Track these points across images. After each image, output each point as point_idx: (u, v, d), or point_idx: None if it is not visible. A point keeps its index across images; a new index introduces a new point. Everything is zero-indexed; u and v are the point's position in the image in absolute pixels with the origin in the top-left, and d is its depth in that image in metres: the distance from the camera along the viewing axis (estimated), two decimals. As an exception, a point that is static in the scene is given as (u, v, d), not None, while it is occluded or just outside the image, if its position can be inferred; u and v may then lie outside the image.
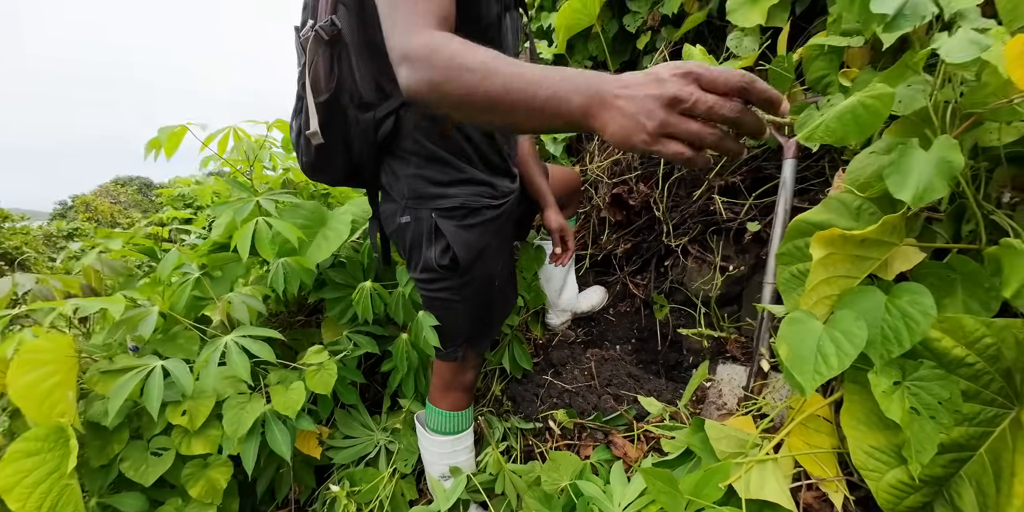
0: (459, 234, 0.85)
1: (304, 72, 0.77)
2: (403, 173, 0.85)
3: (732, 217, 1.30)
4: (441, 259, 0.85)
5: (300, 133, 0.85)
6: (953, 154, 0.58)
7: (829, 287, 0.68)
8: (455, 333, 0.97)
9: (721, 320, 1.31)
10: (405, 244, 0.89)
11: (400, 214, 0.87)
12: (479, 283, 0.92)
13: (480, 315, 0.98)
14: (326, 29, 0.74)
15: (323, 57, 0.76)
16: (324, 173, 0.91)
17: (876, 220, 0.71)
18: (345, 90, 0.78)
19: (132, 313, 1.08)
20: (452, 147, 0.84)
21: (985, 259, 0.65)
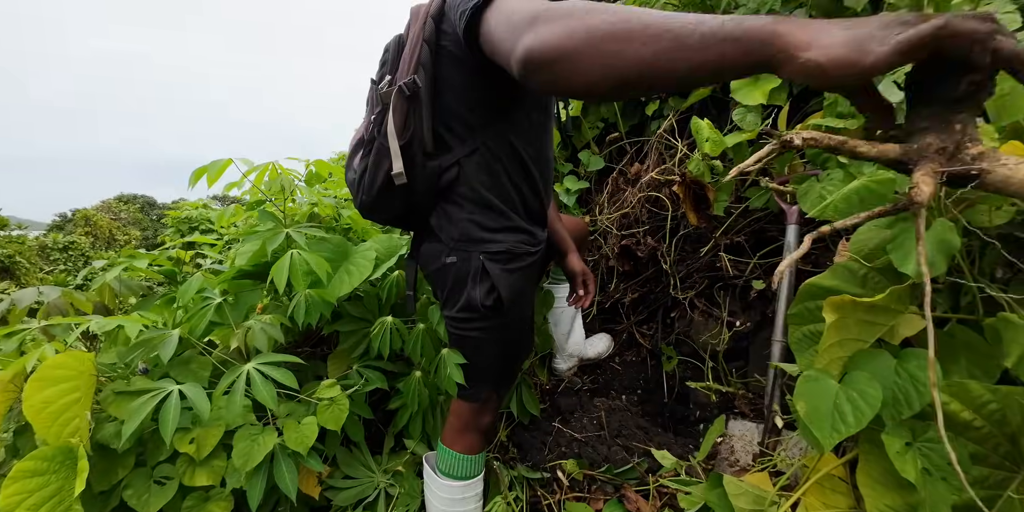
0: (504, 277, 0.90)
1: (383, 120, 0.86)
2: (457, 217, 0.92)
3: (738, 274, 1.36)
4: (485, 299, 0.90)
5: (364, 173, 0.91)
6: (951, 235, 0.65)
7: (841, 349, 0.72)
8: (483, 373, 1.00)
9: (729, 375, 1.33)
10: (447, 283, 0.94)
11: (446, 255, 0.93)
12: (514, 325, 0.97)
13: (508, 356, 1.02)
14: (409, 86, 0.82)
15: (401, 109, 0.84)
16: (380, 213, 0.97)
17: (881, 288, 0.77)
18: (416, 139, 0.86)
19: (151, 335, 1.10)
20: (503, 195, 0.92)
21: (985, 330, 0.71)
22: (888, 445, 0.62)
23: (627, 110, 1.80)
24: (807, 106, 1.41)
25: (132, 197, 18.22)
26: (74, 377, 0.93)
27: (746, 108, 1.34)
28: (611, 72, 0.47)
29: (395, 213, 0.95)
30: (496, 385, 1.03)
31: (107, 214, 13.58)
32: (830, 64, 0.36)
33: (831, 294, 0.80)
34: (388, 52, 0.93)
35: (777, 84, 1.29)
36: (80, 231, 11.32)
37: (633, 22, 0.45)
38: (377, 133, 0.87)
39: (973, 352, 0.70)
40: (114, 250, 11.49)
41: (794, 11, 1.30)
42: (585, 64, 0.48)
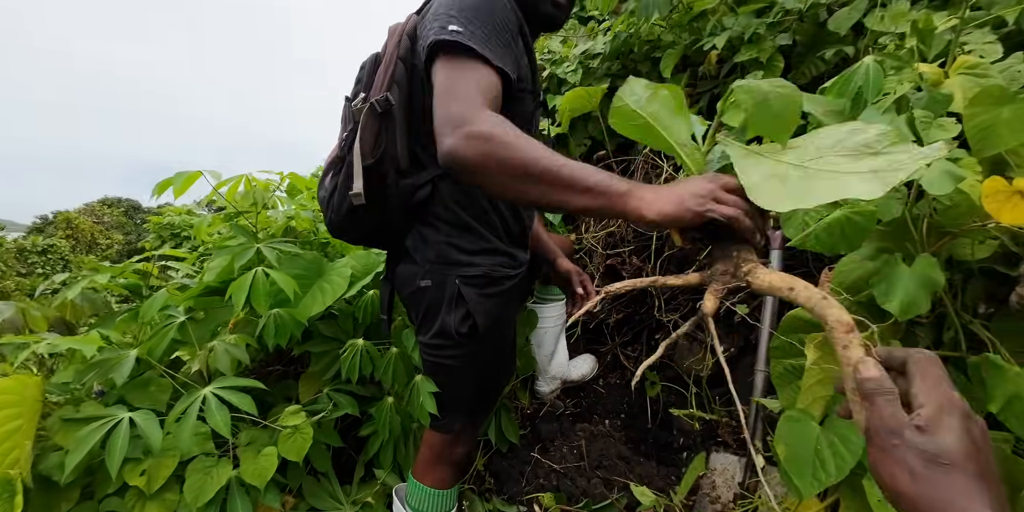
0: (480, 302, 0.87)
1: (352, 138, 0.83)
2: (432, 239, 0.88)
3: (722, 298, 1.34)
4: (460, 326, 0.86)
5: (334, 192, 0.89)
6: (934, 272, 0.63)
7: (823, 388, 0.69)
8: (457, 403, 0.95)
9: (712, 402, 1.30)
10: (421, 307, 0.90)
11: (421, 278, 0.89)
12: (492, 353, 0.93)
13: (484, 385, 0.97)
14: (381, 103, 0.81)
15: (372, 127, 0.82)
16: (349, 232, 0.95)
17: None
18: (388, 157, 0.83)
19: (107, 356, 1.04)
20: (482, 217, 0.89)
21: (968, 368, 0.69)
22: (870, 493, 0.59)
23: (614, 129, 1.80)
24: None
25: (116, 200, 17.93)
26: (17, 403, 0.88)
27: (732, 130, 1.33)
28: (514, 197, 0.63)
29: (365, 233, 0.92)
30: (471, 415, 0.99)
31: (90, 217, 13.32)
32: (660, 220, 0.54)
33: (813, 327, 0.77)
34: (364, 70, 0.91)
35: (761, 107, 1.29)
36: (61, 234, 11.08)
37: (539, 168, 0.59)
38: (348, 152, 0.84)
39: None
40: (95, 254, 11.24)
41: (779, 35, 1.31)
42: (496, 188, 0.63)
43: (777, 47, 1.28)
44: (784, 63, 1.31)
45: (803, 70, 1.32)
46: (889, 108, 0.74)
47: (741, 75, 1.35)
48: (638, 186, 0.57)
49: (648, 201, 0.55)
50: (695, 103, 1.53)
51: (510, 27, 0.76)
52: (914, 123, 0.71)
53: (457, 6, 0.72)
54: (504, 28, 0.74)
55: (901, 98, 0.74)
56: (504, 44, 0.73)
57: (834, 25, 1.23)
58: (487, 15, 0.72)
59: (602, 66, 1.74)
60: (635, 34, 1.64)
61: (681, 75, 1.54)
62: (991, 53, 0.89)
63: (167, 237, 4.42)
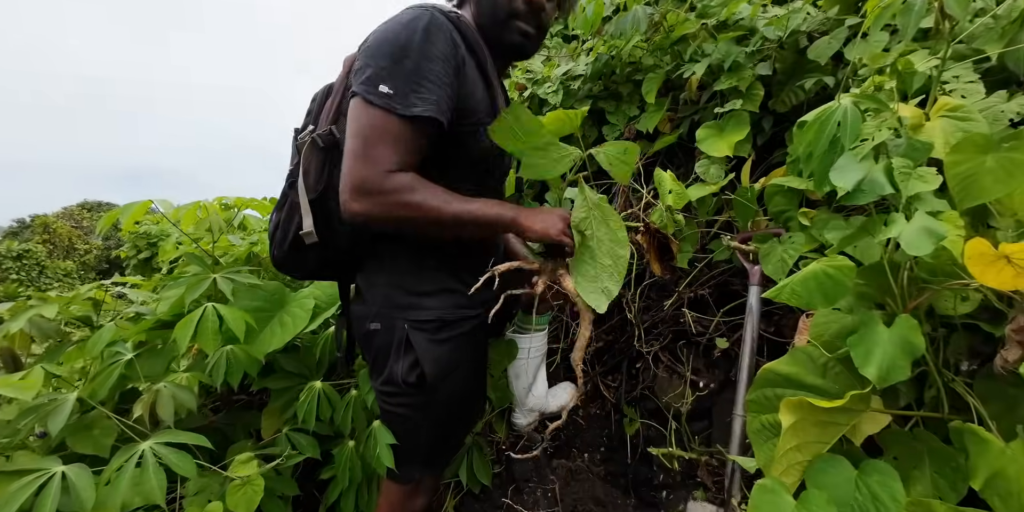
0: (431, 349, 0.81)
1: (296, 172, 0.81)
2: (379, 281, 0.84)
3: (702, 331, 1.30)
4: (408, 375, 0.81)
5: (278, 226, 0.86)
6: (914, 336, 0.59)
7: (800, 453, 0.65)
8: (412, 452, 0.89)
9: (691, 440, 1.26)
10: (371, 352, 0.85)
11: (370, 320, 0.84)
12: (445, 402, 0.86)
13: (441, 435, 0.91)
14: (323, 137, 0.79)
15: (316, 161, 0.80)
16: (293, 269, 0.92)
17: (842, 379, 0.71)
18: (332, 192, 0.79)
19: (45, 400, 0.97)
20: (435, 253, 0.84)
21: (950, 432, 0.65)
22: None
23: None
24: (771, 158, 1.39)
25: (97, 204, 17.54)
26: (-62, 458, 0.80)
27: (710, 159, 1.30)
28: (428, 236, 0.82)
29: (310, 269, 0.88)
30: (429, 466, 0.93)
31: (68, 221, 13.00)
32: (536, 236, 0.79)
33: (790, 383, 0.73)
34: (315, 102, 0.88)
35: (742, 136, 1.26)
36: (38, 238, 10.78)
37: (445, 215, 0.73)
38: (290, 187, 0.82)
39: (939, 461, 0.64)
40: (73, 259, 10.95)
41: (759, 64, 1.28)
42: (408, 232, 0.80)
43: (757, 76, 1.26)
44: (764, 91, 1.29)
45: (783, 98, 1.30)
46: (867, 155, 0.71)
47: (721, 103, 1.32)
48: (520, 212, 0.79)
49: (530, 222, 0.78)
50: (676, 127, 1.50)
51: (447, 66, 0.73)
52: (892, 173, 0.67)
53: (389, 54, 0.70)
54: (440, 70, 0.72)
55: (879, 145, 0.70)
56: (438, 88, 0.71)
57: (814, 54, 1.20)
58: (420, 62, 0.70)
59: (583, 87, 1.71)
60: (617, 56, 1.61)
61: (663, 99, 1.51)
62: (973, 93, 0.87)
63: (143, 246, 4.29)
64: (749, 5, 1.30)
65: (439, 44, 0.72)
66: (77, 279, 10.20)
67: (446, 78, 0.72)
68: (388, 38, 0.72)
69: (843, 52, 1.17)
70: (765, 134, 1.35)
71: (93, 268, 11.79)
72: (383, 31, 0.74)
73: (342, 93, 0.80)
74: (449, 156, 0.78)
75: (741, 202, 1.14)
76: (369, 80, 0.70)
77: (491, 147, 0.83)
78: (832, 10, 1.25)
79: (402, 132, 0.70)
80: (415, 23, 0.72)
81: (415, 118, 0.69)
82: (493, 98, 0.82)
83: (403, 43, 0.71)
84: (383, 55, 0.71)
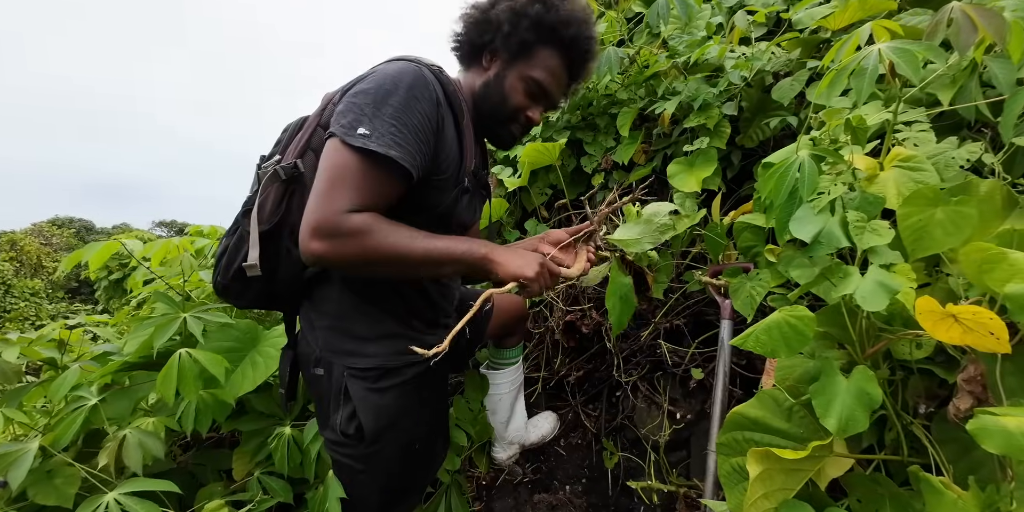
0: (370, 399, 0.79)
1: (252, 201, 0.79)
2: (319, 323, 0.82)
3: (678, 362, 1.32)
4: (347, 426, 0.79)
5: (224, 253, 0.84)
6: (871, 387, 0.62)
7: (767, 501, 0.66)
8: (360, 505, 0.87)
9: (670, 472, 1.26)
10: (316, 396, 0.84)
11: (313, 365, 0.82)
12: (390, 453, 0.84)
13: (395, 486, 0.88)
14: (287, 170, 0.78)
15: (275, 193, 0.79)
16: (235, 298, 0.88)
17: (806, 424, 0.73)
18: (287, 225, 0.79)
19: (5, 451, 0.93)
20: (379, 297, 0.82)
21: (909, 476, 0.67)
22: None
23: (574, 178, 1.80)
24: (740, 190, 1.43)
25: (68, 220, 17.01)
26: None
27: (683, 194, 1.34)
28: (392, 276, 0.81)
29: (253, 299, 0.85)
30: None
31: (37, 238, 12.57)
32: (506, 276, 0.76)
33: (757, 426, 0.75)
34: (286, 132, 0.86)
35: (710, 172, 1.30)
36: (4, 256, 10.39)
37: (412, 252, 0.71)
38: (243, 215, 0.79)
39: (899, 506, 0.66)
40: (41, 278, 10.56)
41: (726, 103, 1.33)
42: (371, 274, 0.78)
43: (724, 114, 1.31)
44: (731, 128, 1.34)
45: (751, 134, 1.35)
46: (824, 208, 0.74)
47: (691, 139, 1.36)
48: (493, 249, 0.76)
49: (504, 259, 0.76)
50: (650, 161, 1.54)
51: (428, 123, 0.74)
52: (847, 227, 0.71)
53: (373, 102, 0.71)
54: (420, 126, 0.73)
55: (835, 200, 0.74)
56: (415, 141, 0.72)
57: (777, 95, 1.26)
58: (402, 113, 0.71)
59: (562, 118, 1.75)
60: (593, 88, 1.66)
61: (638, 132, 1.55)
62: (925, 142, 0.91)
63: (115, 267, 4.18)
64: (717, 47, 1.36)
65: (423, 102, 0.73)
66: (45, 298, 9.83)
67: (424, 135, 0.73)
68: (373, 87, 0.72)
69: (805, 92, 1.22)
70: (734, 167, 1.40)
71: (62, 287, 11.39)
72: (369, 79, 0.74)
73: (313, 128, 0.79)
74: (410, 205, 0.78)
75: (711, 237, 1.17)
76: (349, 123, 0.70)
77: (452, 202, 0.83)
78: (795, 52, 1.31)
79: (370, 174, 0.69)
80: (402, 76, 0.73)
81: (388, 161, 0.69)
82: (463, 156, 0.83)
83: (386, 93, 0.71)
84: (366, 103, 0.71)
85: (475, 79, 0.88)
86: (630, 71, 1.59)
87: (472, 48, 0.87)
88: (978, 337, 0.55)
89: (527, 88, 0.86)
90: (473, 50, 0.87)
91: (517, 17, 0.81)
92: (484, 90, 0.86)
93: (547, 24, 0.81)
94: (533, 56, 0.84)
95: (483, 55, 0.87)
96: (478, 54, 0.87)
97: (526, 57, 0.85)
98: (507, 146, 0.95)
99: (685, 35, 1.50)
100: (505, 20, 0.81)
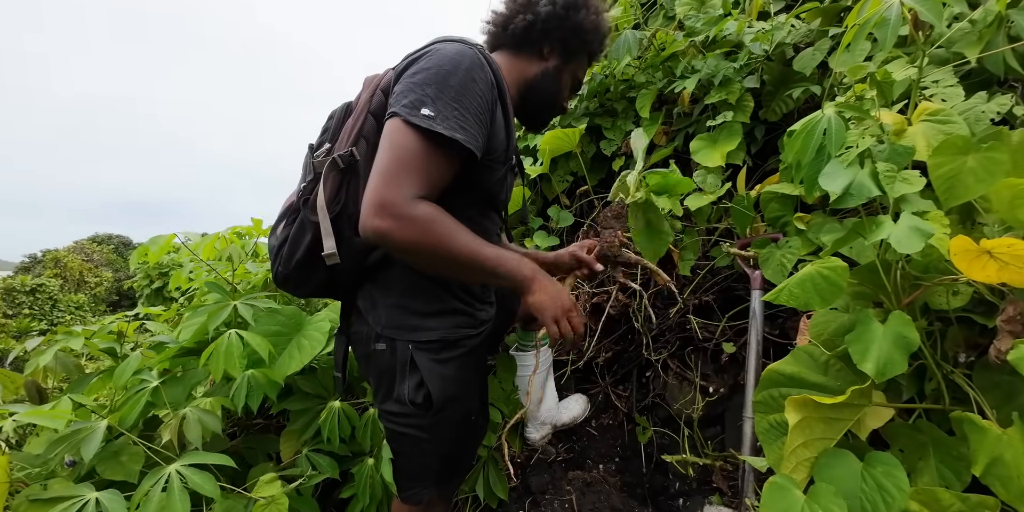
0: (436, 369, 0.83)
1: (312, 190, 0.81)
2: (383, 302, 0.85)
3: (708, 337, 1.33)
4: (414, 395, 0.82)
5: (284, 242, 0.85)
6: (908, 331, 0.62)
7: (807, 450, 0.67)
8: (422, 472, 0.90)
9: (704, 446, 1.27)
10: (375, 372, 0.87)
11: (375, 341, 0.86)
12: (453, 420, 0.88)
13: (451, 453, 0.92)
14: (344, 158, 0.79)
15: (333, 181, 0.80)
16: (296, 287, 0.90)
17: (843, 376, 0.73)
18: (345, 213, 0.81)
19: (76, 428, 1.00)
20: (438, 277, 0.85)
21: (952, 423, 0.67)
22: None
23: (594, 165, 1.81)
24: (765, 165, 1.43)
25: (107, 237, 17.82)
26: (-20, 487, 0.84)
27: (706, 169, 1.35)
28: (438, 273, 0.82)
29: (313, 288, 0.88)
30: (439, 486, 0.93)
31: (79, 255, 13.20)
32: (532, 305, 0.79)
33: (793, 382, 0.76)
34: (332, 119, 0.88)
35: (734, 146, 1.30)
36: (49, 273, 10.95)
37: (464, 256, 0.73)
38: (303, 204, 0.82)
39: (943, 451, 0.66)
40: (84, 292, 11.09)
41: (747, 77, 1.33)
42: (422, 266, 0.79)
43: (746, 88, 1.31)
44: (754, 102, 1.34)
45: (774, 108, 1.35)
46: (853, 162, 0.74)
47: (713, 115, 1.37)
48: (537, 274, 0.79)
49: (539, 288, 0.78)
50: (671, 141, 1.55)
51: (485, 104, 0.75)
52: (878, 177, 0.71)
53: (435, 82, 0.71)
54: (479, 107, 0.73)
55: (864, 152, 0.74)
56: (476, 123, 0.73)
57: (799, 66, 1.26)
58: (463, 96, 0.72)
59: (580, 106, 1.77)
60: (611, 75, 1.67)
61: (658, 113, 1.56)
62: (953, 97, 0.91)
63: (155, 276, 4.37)
64: (735, 22, 1.36)
65: (480, 83, 0.74)
66: (88, 311, 10.31)
67: (483, 116, 0.74)
68: (433, 67, 0.72)
69: (827, 61, 1.22)
70: (758, 142, 1.40)
71: (104, 300, 11.92)
72: (427, 59, 0.74)
73: (364, 116, 0.81)
74: (463, 184, 0.80)
75: (738, 209, 1.18)
76: (412, 103, 0.70)
77: (499, 181, 0.86)
78: (815, 22, 1.31)
79: (435, 157, 0.70)
80: (460, 58, 0.73)
81: (453, 143, 0.69)
82: (509, 136, 0.84)
83: (447, 74, 0.72)
84: (427, 82, 0.71)
85: (528, 66, 0.91)
86: (646, 55, 1.61)
87: (527, 35, 0.89)
88: (1015, 271, 0.55)
89: (572, 85, 0.98)
90: (528, 37, 0.90)
91: (591, 25, 0.91)
92: (542, 79, 0.91)
93: (601, 38, 0.95)
94: (581, 59, 0.95)
95: (543, 45, 0.90)
96: (534, 43, 0.90)
97: (578, 59, 0.95)
98: (540, 129, 1.03)
99: (701, 14, 1.50)
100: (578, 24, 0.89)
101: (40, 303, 9.53)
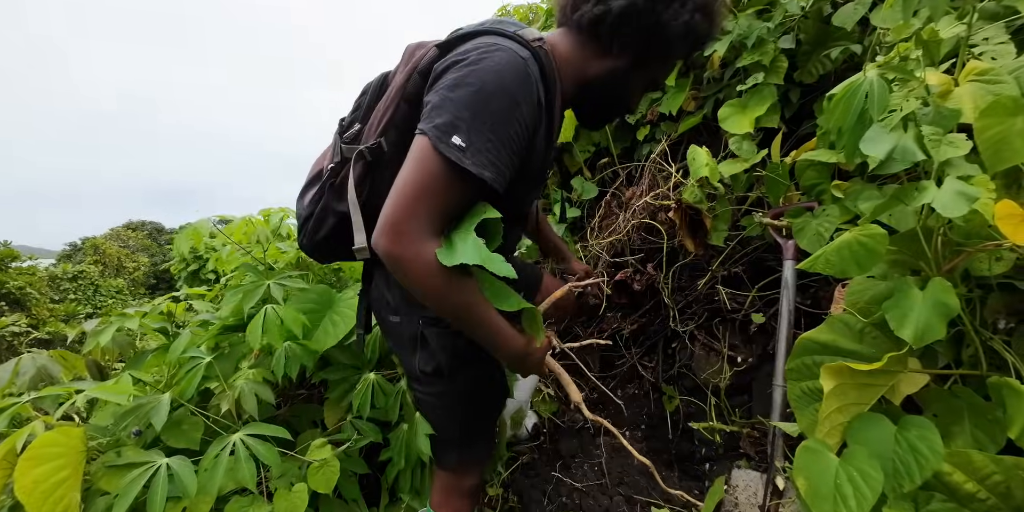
0: (446, 339, 0.85)
1: (340, 174, 0.81)
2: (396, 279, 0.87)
3: (737, 307, 1.33)
4: (425, 366, 0.85)
5: (310, 218, 0.85)
6: (948, 297, 0.62)
7: (841, 415, 0.69)
8: (445, 438, 0.95)
9: (732, 413, 1.29)
10: (394, 341, 0.91)
11: (391, 313, 0.88)
12: (468, 388, 0.90)
13: (470, 419, 0.95)
14: (372, 151, 0.78)
15: (360, 170, 0.79)
16: (322, 258, 0.97)
17: (879, 344, 0.73)
18: (370, 203, 0.79)
19: (142, 402, 1.09)
20: None
21: (989, 388, 0.67)
22: (893, 527, 0.59)
23: (618, 134, 1.78)
24: (800, 129, 1.38)
25: (140, 224, 18.48)
26: (64, 455, 0.92)
27: (739, 136, 1.31)
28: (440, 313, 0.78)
29: (337, 259, 0.92)
30: (465, 450, 0.97)
31: (116, 242, 13.76)
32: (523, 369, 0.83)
33: (828, 349, 0.76)
34: (365, 95, 0.85)
35: (763, 111, 1.26)
36: (89, 260, 11.46)
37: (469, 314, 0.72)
38: (328, 187, 0.82)
39: (977, 415, 0.66)
40: (123, 277, 11.60)
41: (782, 37, 1.27)
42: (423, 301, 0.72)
43: (781, 49, 1.25)
44: (788, 63, 1.28)
45: (810, 69, 1.29)
46: (896, 126, 0.72)
47: (743, 78, 1.32)
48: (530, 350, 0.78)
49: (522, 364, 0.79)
50: (700, 107, 1.51)
51: (525, 132, 0.69)
52: (922, 141, 0.69)
53: (472, 106, 0.65)
54: (517, 135, 0.68)
55: (908, 115, 0.72)
56: (509, 155, 0.68)
57: (839, 21, 1.19)
58: (501, 124, 0.66)
59: (601, 73, 1.72)
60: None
61: (685, 80, 1.51)
62: (1004, 54, 0.85)
63: (191, 260, 4.54)
64: (767, -22, 1.29)
65: (524, 106, 0.67)
66: (129, 295, 10.83)
67: (520, 143, 0.69)
68: (475, 83, 0.65)
69: (869, 17, 1.15)
70: (793, 106, 1.34)
71: (142, 284, 12.49)
72: (470, 70, 0.67)
73: (396, 104, 0.77)
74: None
75: (773, 177, 1.15)
76: (444, 126, 0.65)
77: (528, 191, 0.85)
78: (854, -25, 1.23)
79: (457, 187, 0.67)
80: (507, 73, 0.66)
81: (479, 179, 0.65)
82: (550, 143, 0.80)
83: (488, 96, 0.65)
84: (465, 104, 0.65)
85: (591, 62, 0.78)
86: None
87: (594, 29, 0.76)
88: (1065, 236, 0.54)
89: (646, 87, 0.84)
90: (595, 31, 0.76)
91: (681, 28, 0.74)
92: (606, 79, 0.79)
93: (703, 40, 0.79)
94: (668, 59, 0.81)
95: (612, 44, 0.76)
96: (602, 39, 0.76)
97: (662, 59, 0.80)
98: (596, 129, 0.96)
99: (731, -29, 1.42)
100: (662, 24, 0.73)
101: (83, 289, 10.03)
